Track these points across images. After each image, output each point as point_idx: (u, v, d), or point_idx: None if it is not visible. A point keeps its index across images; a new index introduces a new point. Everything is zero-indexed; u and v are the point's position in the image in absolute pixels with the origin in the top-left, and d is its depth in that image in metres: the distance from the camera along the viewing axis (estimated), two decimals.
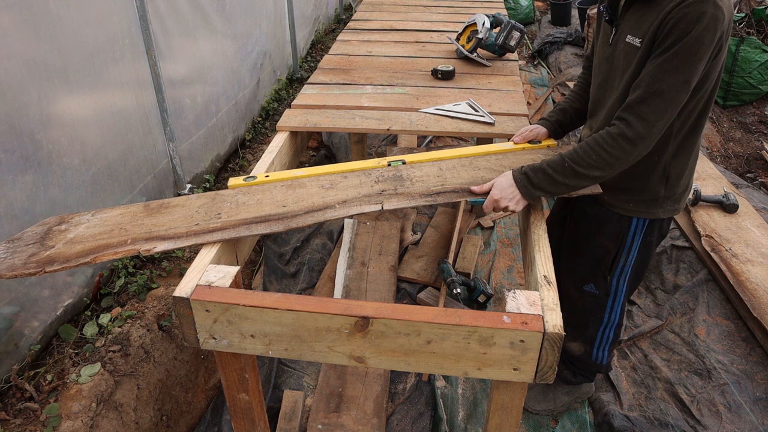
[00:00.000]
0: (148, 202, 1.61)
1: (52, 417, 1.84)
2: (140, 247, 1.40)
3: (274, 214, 1.52)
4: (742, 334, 2.45)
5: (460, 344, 1.21)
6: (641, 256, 1.78)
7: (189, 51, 3.04)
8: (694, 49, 1.34)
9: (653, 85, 1.39)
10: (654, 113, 1.40)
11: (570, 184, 1.51)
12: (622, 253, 1.77)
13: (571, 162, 1.48)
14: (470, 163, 1.76)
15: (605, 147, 1.45)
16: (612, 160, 1.46)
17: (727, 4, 1.35)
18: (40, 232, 1.52)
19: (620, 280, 1.83)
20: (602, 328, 1.95)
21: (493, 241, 3.30)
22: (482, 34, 2.67)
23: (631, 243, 1.74)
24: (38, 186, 2.03)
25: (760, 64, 4.62)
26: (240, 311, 1.25)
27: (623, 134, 1.43)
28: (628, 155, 1.45)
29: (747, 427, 2.10)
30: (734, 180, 3.49)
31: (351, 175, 1.70)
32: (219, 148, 3.48)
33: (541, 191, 1.52)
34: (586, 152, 1.47)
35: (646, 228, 1.71)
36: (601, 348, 2.01)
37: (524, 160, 1.76)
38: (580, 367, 2.16)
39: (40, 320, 2.08)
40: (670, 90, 1.38)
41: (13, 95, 1.88)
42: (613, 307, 1.90)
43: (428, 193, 1.60)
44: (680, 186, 1.66)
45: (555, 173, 1.49)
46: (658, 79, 1.39)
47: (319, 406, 2.24)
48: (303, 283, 2.94)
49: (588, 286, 1.88)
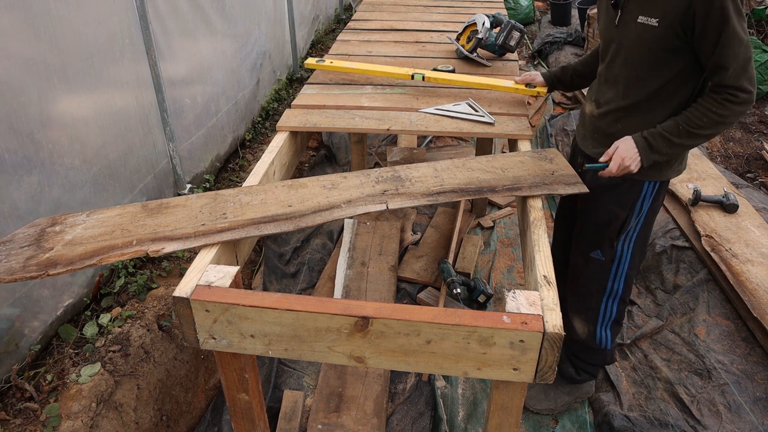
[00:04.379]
0: (146, 203, 1.60)
1: (52, 417, 1.84)
2: (148, 248, 1.40)
3: (281, 214, 1.52)
4: (742, 334, 2.45)
5: (460, 344, 1.21)
6: (647, 220, 1.85)
7: (189, 51, 3.04)
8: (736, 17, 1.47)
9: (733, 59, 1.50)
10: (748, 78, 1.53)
11: (685, 143, 1.62)
12: (631, 218, 1.83)
13: (685, 124, 1.59)
14: (463, 164, 1.80)
15: (715, 110, 1.55)
16: (721, 119, 1.56)
17: None
18: (33, 234, 1.48)
19: (625, 245, 1.88)
20: (605, 299, 1.97)
21: (493, 241, 3.30)
22: (482, 34, 2.67)
23: (641, 208, 1.81)
24: (42, 186, 2.03)
25: (760, 64, 4.62)
26: (240, 311, 1.25)
27: (730, 99, 1.54)
28: (736, 115, 1.56)
29: (747, 427, 2.10)
30: (734, 180, 3.49)
31: (350, 176, 1.72)
32: (219, 148, 3.48)
33: (658, 154, 1.64)
34: (697, 116, 1.58)
35: (656, 191, 1.79)
36: (604, 326, 2.02)
37: (513, 162, 1.79)
38: (584, 359, 2.14)
39: (40, 320, 2.08)
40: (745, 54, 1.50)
41: (13, 95, 1.88)
42: (617, 274, 1.93)
43: (429, 193, 1.63)
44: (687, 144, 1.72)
45: (671, 135, 1.61)
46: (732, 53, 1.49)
47: (319, 406, 2.24)
48: (303, 283, 2.94)
49: (594, 252, 1.93)
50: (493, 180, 1.70)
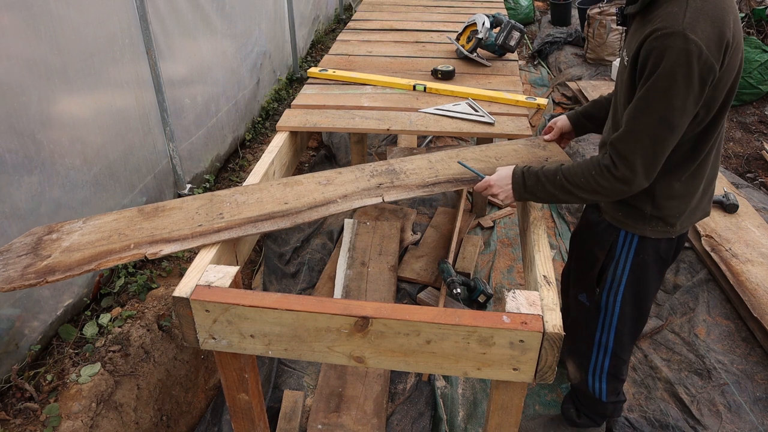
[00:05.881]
0: (142, 207, 1.60)
1: (52, 417, 1.84)
2: (146, 251, 1.40)
3: (278, 211, 1.53)
4: (742, 334, 2.45)
5: (460, 344, 1.21)
6: (634, 275, 1.66)
7: (189, 51, 3.04)
8: (665, 86, 1.27)
9: (629, 124, 1.37)
10: (631, 152, 1.36)
11: (559, 197, 1.51)
12: (609, 265, 1.68)
13: (563, 177, 1.48)
14: (457, 155, 1.81)
15: (594, 174, 1.43)
16: (598, 188, 1.44)
17: (709, 32, 1.25)
18: (30, 243, 1.48)
19: (610, 296, 1.72)
20: (595, 350, 1.85)
21: (493, 241, 3.30)
22: (482, 34, 2.67)
23: (619, 256, 1.65)
24: (43, 186, 2.03)
25: (760, 64, 4.62)
26: (240, 311, 1.25)
27: (609, 168, 1.41)
28: (613, 191, 1.43)
29: (747, 427, 2.10)
30: (734, 180, 3.49)
31: (345, 171, 1.73)
32: (219, 148, 3.48)
33: (531, 195, 1.56)
34: (578, 173, 1.46)
35: (636, 245, 1.62)
36: (596, 377, 1.89)
37: (507, 151, 1.81)
38: (583, 403, 2.02)
39: (40, 320, 2.08)
40: (646, 129, 1.33)
41: (14, 95, 1.88)
42: (603, 326, 1.79)
43: (424, 185, 1.64)
44: (673, 208, 1.54)
45: (547, 182, 1.50)
46: (632, 117, 1.36)
47: (319, 406, 2.24)
48: (303, 283, 2.94)
49: (581, 296, 1.82)
50: (487, 169, 1.72)
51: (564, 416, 2.12)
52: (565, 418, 2.12)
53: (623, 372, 1.88)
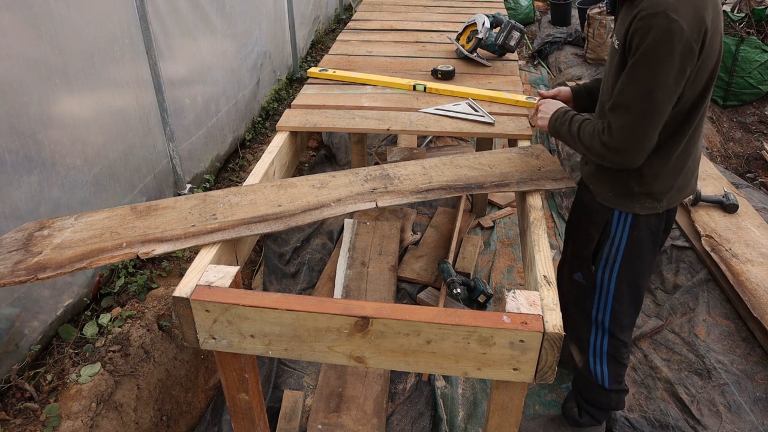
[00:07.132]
0: (135, 205, 1.59)
1: (52, 417, 1.84)
2: (138, 250, 1.39)
3: (271, 213, 1.52)
4: (742, 334, 2.45)
5: (460, 344, 1.21)
6: (630, 251, 1.72)
7: (189, 51, 3.04)
8: (650, 61, 1.37)
9: (617, 96, 1.47)
10: (619, 123, 1.46)
11: (569, 142, 1.65)
12: (605, 243, 1.74)
13: (578, 127, 1.61)
14: (451, 161, 1.81)
15: (593, 134, 1.54)
16: (591, 146, 1.56)
17: (691, 15, 1.34)
18: (20, 238, 1.47)
19: (605, 273, 1.78)
20: (593, 330, 1.89)
21: (493, 241, 3.31)
22: (482, 34, 2.67)
23: (615, 234, 1.72)
24: (42, 186, 2.03)
25: (760, 64, 4.62)
26: (240, 311, 1.25)
27: (599, 133, 1.53)
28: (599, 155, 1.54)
29: (747, 427, 2.10)
30: (734, 180, 3.49)
31: (339, 175, 1.73)
32: (219, 148, 3.48)
33: (556, 132, 1.70)
34: (587, 129, 1.58)
35: (630, 222, 1.69)
36: (597, 359, 1.93)
37: (500, 159, 1.81)
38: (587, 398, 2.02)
39: (40, 320, 2.08)
40: (634, 101, 1.43)
41: (15, 95, 1.88)
42: (599, 304, 1.84)
43: (418, 191, 1.64)
44: (660, 185, 1.62)
45: (570, 125, 1.63)
46: (620, 90, 1.46)
47: (319, 406, 2.24)
48: (303, 283, 2.94)
49: (576, 275, 1.88)
50: (480, 176, 1.72)
51: (565, 415, 2.12)
52: (566, 418, 2.12)
53: (623, 356, 1.92)
